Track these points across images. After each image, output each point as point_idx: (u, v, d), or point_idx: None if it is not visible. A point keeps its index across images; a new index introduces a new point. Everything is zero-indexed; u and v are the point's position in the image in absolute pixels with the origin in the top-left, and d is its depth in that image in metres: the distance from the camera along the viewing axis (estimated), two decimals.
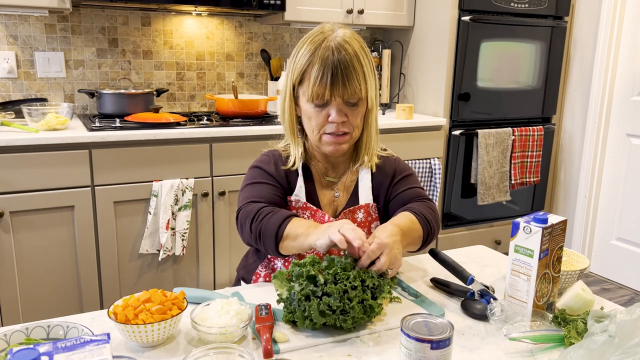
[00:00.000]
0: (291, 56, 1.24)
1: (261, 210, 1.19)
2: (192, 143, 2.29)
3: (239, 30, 2.95)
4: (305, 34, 1.24)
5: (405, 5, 3.00)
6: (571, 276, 1.18)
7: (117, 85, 2.71)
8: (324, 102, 1.19)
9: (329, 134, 1.22)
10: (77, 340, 0.75)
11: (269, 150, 1.35)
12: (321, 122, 1.21)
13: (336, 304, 0.95)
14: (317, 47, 1.17)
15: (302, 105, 1.23)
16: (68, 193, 2.10)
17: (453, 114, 2.91)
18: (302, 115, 1.25)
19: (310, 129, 1.24)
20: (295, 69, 1.20)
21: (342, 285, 0.97)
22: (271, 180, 1.28)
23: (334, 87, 1.16)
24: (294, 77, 1.21)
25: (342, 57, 1.16)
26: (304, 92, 1.20)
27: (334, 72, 1.15)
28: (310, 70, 1.17)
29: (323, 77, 1.15)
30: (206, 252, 2.41)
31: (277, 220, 1.16)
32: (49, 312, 2.15)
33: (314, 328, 0.99)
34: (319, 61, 1.16)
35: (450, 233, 3.05)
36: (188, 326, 0.99)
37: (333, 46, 1.16)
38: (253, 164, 1.33)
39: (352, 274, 1.00)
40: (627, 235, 3.12)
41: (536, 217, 1.02)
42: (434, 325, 0.85)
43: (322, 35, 1.19)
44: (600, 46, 3.11)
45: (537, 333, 0.97)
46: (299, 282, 1.00)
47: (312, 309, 0.95)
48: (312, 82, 1.17)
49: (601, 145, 3.20)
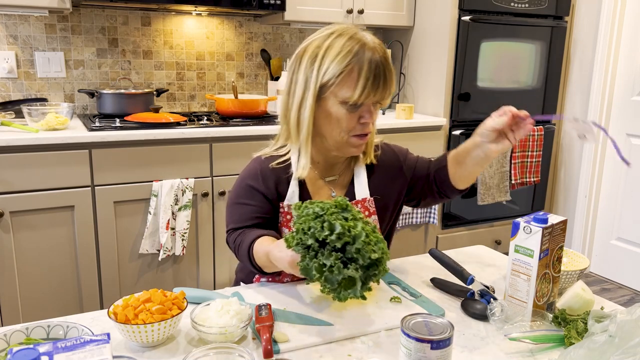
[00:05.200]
0: (310, 58, 1.17)
1: (235, 242, 1.24)
2: (192, 143, 2.29)
3: (239, 30, 2.95)
4: (321, 34, 1.19)
5: (405, 5, 3.00)
6: (571, 276, 1.18)
7: (117, 85, 2.71)
8: (360, 104, 1.17)
9: (357, 136, 1.20)
10: (77, 340, 0.75)
11: (258, 158, 1.30)
12: (352, 124, 1.18)
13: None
14: (361, 49, 1.14)
15: (330, 107, 1.17)
16: (68, 193, 2.10)
17: (453, 113, 2.91)
18: (322, 118, 1.20)
19: (338, 131, 1.19)
20: (329, 70, 1.14)
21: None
22: (256, 199, 1.25)
23: (381, 89, 1.16)
24: (326, 79, 1.15)
25: (384, 58, 1.16)
26: (337, 94, 1.15)
27: (383, 74, 1.15)
28: (357, 73, 1.13)
29: (375, 79, 1.14)
30: (206, 252, 2.41)
31: (245, 255, 1.19)
32: (49, 312, 2.15)
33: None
34: (367, 63, 1.13)
35: (450, 233, 3.05)
36: (188, 326, 0.99)
37: (376, 48, 1.16)
38: (242, 176, 1.29)
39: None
40: (627, 235, 3.12)
41: (536, 217, 1.02)
42: (434, 325, 0.85)
43: (357, 37, 1.16)
44: (600, 46, 3.11)
45: (537, 333, 0.97)
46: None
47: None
48: (362, 84, 1.13)
49: (601, 145, 3.20)
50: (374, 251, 0.94)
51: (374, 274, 0.96)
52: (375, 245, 0.95)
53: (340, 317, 1.06)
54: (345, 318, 1.05)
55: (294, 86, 1.21)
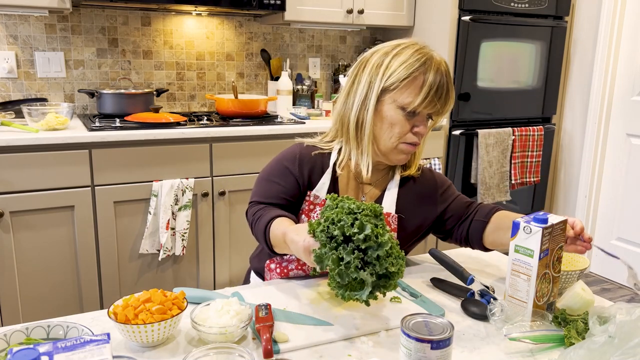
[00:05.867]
0: (377, 62, 1.21)
1: (254, 215, 1.25)
2: (192, 143, 2.29)
3: (239, 30, 2.95)
4: (389, 44, 1.23)
5: (405, 5, 3.00)
6: (571, 276, 1.18)
7: (117, 85, 2.71)
8: (416, 112, 1.20)
9: (408, 144, 1.23)
10: (77, 340, 0.75)
11: (301, 144, 1.32)
12: (405, 130, 1.21)
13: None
14: (429, 60, 1.18)
15: (385, 111, 1.21)
16: (68, 193, 2.10)
17: (453, 113, 2.91)
18: (379, 120, 1.22)
19: (389, 136, 1.22)
20: (393, 74, 1.18)
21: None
22: (287, 181, 1.27)
23: (439, 101, 1.19)
24: (389, 83, 1.19)
25: (447, 75, 1.20)
26: (399, 99, 1.19)
27: (444, 88, 1.19)
28: (422, 80, 1.17)
29: (438, 90, 1.18)
30: (206, 252, 2.41)
31: (261, 230, 1.20)
32: (49, 312, 2.15)
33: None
34: (433, 73, 1.17)
35: None
36: (188, 326, 0.99)
37: (441, 63, 1.20)
38: (279, 156, 1.31)
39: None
40: (627, 235, 3.12)
41: (536, 217, 1.02)
42: (434, 325, 0.85)
43: (424, 51, 1.20)
44: (600, 46, 3.11)
45: (537, 333, 0.97)
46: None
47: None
48: (425, 91, 1.17)
49: (601, 145, 3.20)
50: (392, 264, 0.96)
51: (384, 285, 0.98)
52: (395, 259, 0.97)
53: (340, 317, 1.06)
54: (346, 318, 1.05)
55: (356, 86, 1.24)
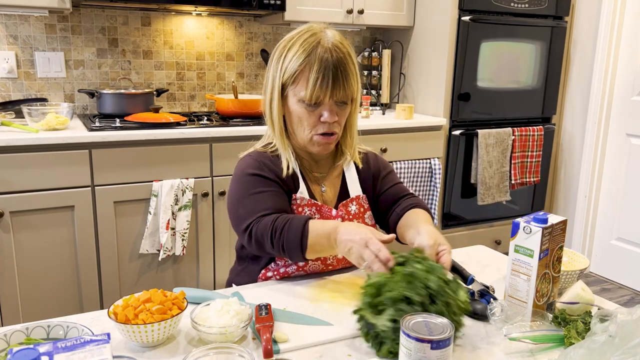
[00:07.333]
0: (277, 56, 1.21)
1: (276, 223, 1.14)
2: (192, 143, 2.29)
3: (239, 30, 2.95)
4: (289, 33, 1.22)
5: (405, 5, 3.00)
6: (571, 276, 1.18)
7: (117, 85, 2.71)
8: (318, 103, 1.18)
9: (320, 135, 1.22)
10: (77, 340, 0.75)
11: (252, 153, 1.29)
12: (313, 122, 1.21)
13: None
14: (314, 48, 1.16)
15: (290, 105, 1.22)
16: (68, 193, 2.10)
17: (453, 114, 2.91)
18: (289, 115, 1.24)
19: (302, 130, 1.23)
20: (287, 69, 1.18)
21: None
22: (273, 186, 1.23)
23: (333, 89, 1.17)
24: (285, 78, 1.19)
25: (339, 58, 1.17)
26: (296, 93, 1.19)
27: (334, 73, 1.16)
28: (308, 72, 1.16)
29: (324, 78, 1.15)
30: (206, 252, 2.41)
31: (297, 231, 1.12)
32: (49, 312, 2.15)
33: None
34: (317, 62, 1.15)
35: (450, 233, 3.05)
36: (188, 326, 0.99)
37: (330, 47, 1.17)
38: (245, 171, 1.24)
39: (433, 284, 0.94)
40: (627, 235, 3.12)
41: (536, 217, 1.02)
42: (434, 325, 0.85)
43: (315, 37, 1.18)
44: (600, 46, 3.11)
45: (537, 333, 0.97)
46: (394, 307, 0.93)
47: None
48: (312, 83, 1.16)
49: (601, 145, 3.20)
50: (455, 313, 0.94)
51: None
52: (456, 316, 0.94)
53: (341, 317, 1.06)
54: (346, 318, 1.05)
55: (265, 82, 1.26)
